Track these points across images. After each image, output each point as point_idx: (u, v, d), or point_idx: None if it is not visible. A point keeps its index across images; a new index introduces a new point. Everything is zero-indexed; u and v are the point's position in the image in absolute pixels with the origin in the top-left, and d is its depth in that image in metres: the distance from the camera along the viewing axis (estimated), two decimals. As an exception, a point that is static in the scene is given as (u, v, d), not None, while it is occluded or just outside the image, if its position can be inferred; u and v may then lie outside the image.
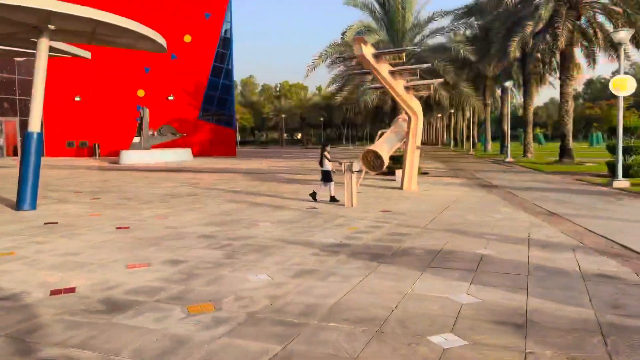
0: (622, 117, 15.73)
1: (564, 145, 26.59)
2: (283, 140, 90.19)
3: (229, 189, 16.61)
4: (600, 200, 12.61)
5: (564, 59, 25.81)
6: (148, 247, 7.67)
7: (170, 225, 9.62)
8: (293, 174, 22.86)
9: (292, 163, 33.32)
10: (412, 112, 15.45)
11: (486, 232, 8.59)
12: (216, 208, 11.99)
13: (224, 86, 46.59)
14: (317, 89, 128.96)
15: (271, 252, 7.24)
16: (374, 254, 7.03)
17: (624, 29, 15.22)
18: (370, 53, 13.33)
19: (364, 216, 10.48)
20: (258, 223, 9.78)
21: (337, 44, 29.10)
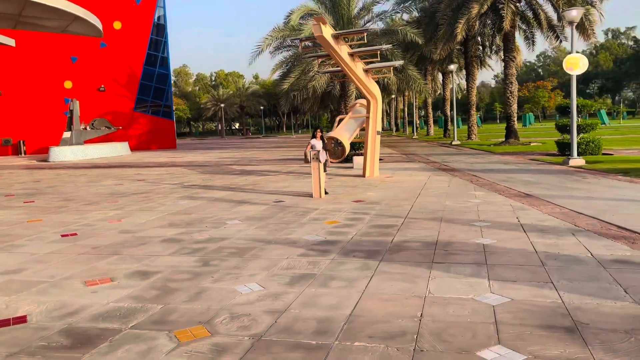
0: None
1: (510, 126, 27.07)
2: (223, 131, 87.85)
3: (180, 184, 15.45)
4: (566, 179, 12.60)
5: (507, 41, 26.17)
6: (106, 257, 6.63)
7: (125, 229, 8.54)
8: (243, 165, 21.84)
9: (238, 154, 32.14)
10: (371, 96, 14.89)
11: (473, 218, 8.15)
12: (172, 206, 10.93)
13: (160, 75, 44.38)
14: (254, 77, 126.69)
15: (253, 256, 6.42)
16: (368, 251, 6.37)
17: (575, 8, 15.31)
18: (330, 34, 12.58)
19: (338, 208, 9.81)
20: (225, 221, 8.88)
21: (280, 29, 28.11)
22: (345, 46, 13.49)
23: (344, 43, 13.42)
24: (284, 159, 25.28)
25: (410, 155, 24.15)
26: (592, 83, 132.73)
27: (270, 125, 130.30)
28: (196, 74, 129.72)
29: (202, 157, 29.69)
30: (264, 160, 24.52)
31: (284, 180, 15.08)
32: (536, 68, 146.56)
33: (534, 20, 28.59)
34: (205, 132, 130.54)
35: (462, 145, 29.79)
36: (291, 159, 25.09)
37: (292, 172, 17.66)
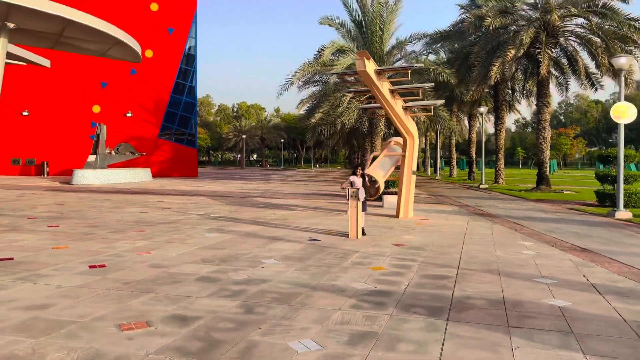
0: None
1: (541, 173, 26.31)
2: (243, 162, 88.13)
3: (207, 214, 14.95)
4: (618, 233, 11.82)
5: (542, 86, 25.71)
6: (139, 296, 6.06)
7: (156, 263, 7.99)
8: (269, 198, 21.34)
9: (261, 186, 31.73)
10: (409, 135, 14.40)
11: (534, 273, 7.45)
12: (203, 239, 10.38)
13: (187, 104, 44.67)
14: (276, 110, 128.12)
15: (300, 304, 5.79)
16: (429, 307, 5.71)
17: (624, 55, 14.82)
18: (373, 69, 12.21)
19: (380, 251, 9.17)
20: (261, 260, 8.29)
21: (311, 64, 28.11)
22: (386, 82, 13.10)
23: (385, 79, 13.04)
24: (309, 193, 24.77)
25: (438, 196, 23.45)
26: (614, 133, 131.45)
27: (289, 158, 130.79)
28: (218, 105, 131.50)
29: (224, 187, 29.31)
30: (289, 194, 24.02)
31: (314, 217, 14.50)
32: (557, 115, 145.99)
33: (569, 67, 28.19)
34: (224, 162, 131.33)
35: (490, 189, 29.02)
36: (316, 193, 24.57)
37: (319, 208, 17.10)
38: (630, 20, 23.01)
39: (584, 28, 24.86)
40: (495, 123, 34.00)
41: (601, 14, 23.23)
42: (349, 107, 25.73)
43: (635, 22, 22.97)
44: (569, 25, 25.74)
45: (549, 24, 24.76)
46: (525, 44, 23.57)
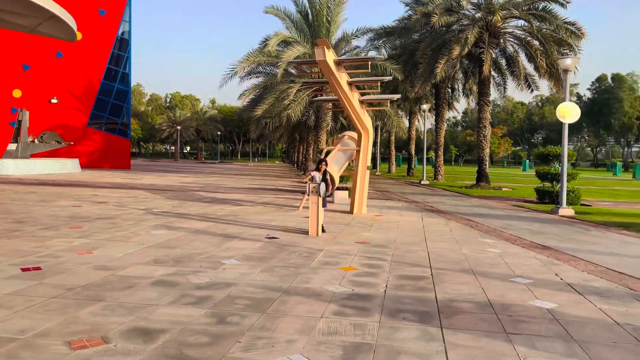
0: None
1: (481, 170, 26.97)
2: (178, 154, 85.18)
3: (148, 209, 13.92)
4: (569, 230, 12.05)
5: (483, 85, 26.31)
6: (87, 305, 5.25)
7: (101, 265, 7.10)
8: (212, 193, 20.40)
9: (201, 179, 30.52)
10: (364, 129, 14.05)
11: (507, 273, 7.26)
12: (150, 237, 9.50)
13: (119, 92, 42.29)
14: (211, 101, 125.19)
15: (277, 311, 5.21)
16: (417, 312, 5.30)
17: (570, 57, 15.21)
18: (333, 60, 11.73)
19: (344, 250, 8.72)
20: (221, 260, 7.60)
21: (255, 54, 27.23)
22: (345, 74, 12.66)
23: (344, 71, 12.59)
24: (254, 187, 23.99)
25: (384, 192, 23.41)
26: (536, 133, 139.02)
27: (224, 152, 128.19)
28: (150, 94, 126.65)
29: (161, 181, 27.89)
30: (232, 188, 23.13)
31: (265, 213, 13.86)
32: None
33: (507, 69, 29.08)
34: (156, 154, 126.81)
35: (431, 185, 29.44)
36: (261, 188, 23.83)
37: (269, 203, 16.45)
38: (567, 24, 23.97)
39: (524, 30, 25.66)
40: (435, 120, 34.60)
41: (540, 17, 24.04)
42: (295, 99, 25.14)
43: (572, 26, 23.97)
44: (509, 27, 26.48)
45: (491, 24, 25.34)
46: (470, 43, 23.98)
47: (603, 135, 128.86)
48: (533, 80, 27.93)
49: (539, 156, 20.29)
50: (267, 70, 31.49)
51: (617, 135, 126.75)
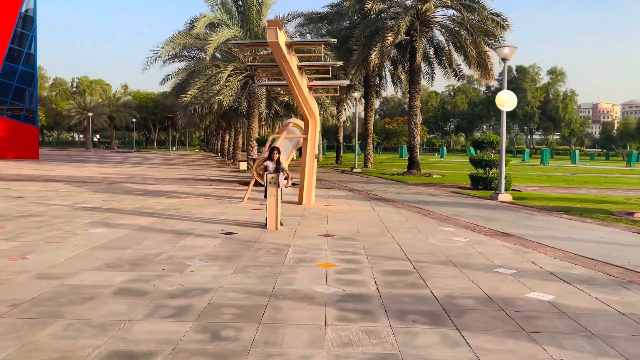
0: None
1: (412, 157, 27.40)
2: (90, 142, 79.74)
3: (76, 204, 12.58)
4: (516, 215, 12.30)
5: (414, 74, 26.63)
6: (45, 325, 4.37)
7: (43, 273, 6.10)
8: (141, 185, 19.03)
9: (122, 170, 28.58)
10: (311, 116, 13.54)
11: (488, 263, 7.11)
12: (90, 237, 8.45)
13: (24, 74, 38.60)
14: (123, 87, 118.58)
15: (274, 320, 4.62)
16: (423, 313, 4.93)
17: (508, 46, 15.57)
18: (284, 41, 11.07)
19: (312, 244, 8.21)
20: (184, 262, 6.82)
21: (182, 36, 25.76)
22: (295, 58, 12.04)
23: (294, 54, 11.97)
24: (184, 178, 22.73)
25: (322, 181, 23.05)
26: (449, 122, 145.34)
27: (139, 140, 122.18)
28: (53, 78, 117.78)
29: (79, 172, 25.75)
30: (162, 180, 21.76)
31: (209, 206, 13.00)
32: (402, 104, 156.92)
33: (435, 58, 29.69)
34: (63, 143, 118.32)
35: (363, 173, 29.53)
36: (192, 178, 22.63)
37: (208, 195, 15.53)
38: (493, 15, 24.76)
39: (453, 20, 26.19)
40: (365, 108, 34.76)
41: (470, 7, 24.65)
42: (227, 85, 24.05)
43: (498, 17, 24.79)
44: (439, 17, 26.94)
45: (422, 13, 25.64)
46: (402, 31, 24.10)
47: (508, 123, 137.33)
48: (460, 70, 28.74)
49: (474, 144, 20.83)
50: (192, 54, 30.01)
51: (521, 123, 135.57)
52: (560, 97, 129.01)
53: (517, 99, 15.70)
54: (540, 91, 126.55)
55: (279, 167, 10.05)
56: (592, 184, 23.66)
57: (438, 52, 29.11)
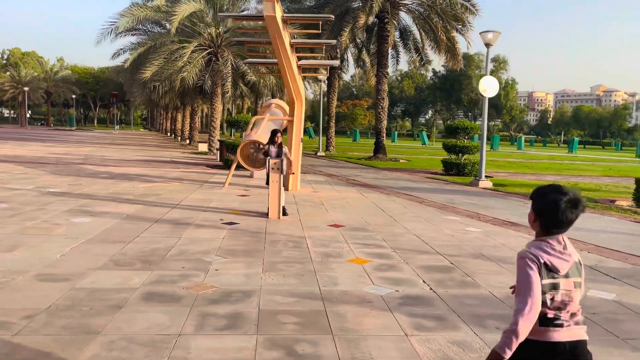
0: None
1: (379, 142, 27.16)
2: (25, 119, 74.64)
3: (41, 189, 11.39)
4: (507, 202, 12.21)
5: (382, 57, 26.20)
6: (82, 343, 3.62)
7: (44, 273, 5.24)
8: (102, 166, 17.72)
9: (72, 149, 26.73)
10: (298, 97, 12.86)
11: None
12: (75, 227, 7.52)
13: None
14: (58, 60, 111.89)
15: (345, 331, 4.07)
16: (498, 317, 4.52)
17: (492, 31, 15.40)
18: (281, 16, 10.28)
19: (327, 236, 7.65)
20: (201, 257, 6.11)
21: (140, 7, 24.12)
22: (288, 35, 11.28)
23: (287, 30, 11.20)
24: (145, 160, 21.41)
25: (289, 164, 22.39)
26: (396, 106, 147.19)
27: (78, 118, 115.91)
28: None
29: (25, 151, 23.80)
30: (122, 161, 20.39)
31: (188, 191, 12.13)
32: (351, 87, 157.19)
33: (401, 42, 29.43)
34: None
35: (329, 156, 29.04)
36: (154, 160, 21.36)
37: (181, 179, 14.59)
38: (464, 0, 24.68)
39: (422, 4, 25.88)
40: (327, 91, 34.14)
41: (440, -9, 24.43)
42: (190, 61, 22.75)
43: (467, 2, 24.73)
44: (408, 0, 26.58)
45: (392, -5, 25.21)
46: (374, 12, 23.58)
47: (454, 109, 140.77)
48: (425, 55, 28.64)
49: (448, 129, 20.77)
50: (147, 28, 28.30)
51: (466, 109, 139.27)
52: (502, 85, 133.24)
53: (498, 85, 15.62)
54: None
55: (281, 152, 9.35)
56: (554, 171, 24.32)
57: (404, 36, 28.86)
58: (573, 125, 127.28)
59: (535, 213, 2.24)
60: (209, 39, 24.56)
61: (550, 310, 2.14)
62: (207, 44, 24.51)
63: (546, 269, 2.13)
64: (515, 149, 60.70)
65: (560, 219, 2.17)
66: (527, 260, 2.13)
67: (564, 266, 2.15)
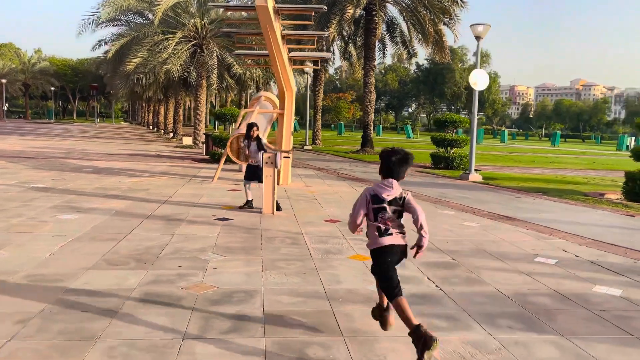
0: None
1: (367, 135, 27.03)
2: (3, 112, 72.97)
3: (23, 184, 11.03)
4: (500, 197, 12.17)
5: (369, 49, 26.02)
6: (80, 351, 3.41)
7: (35, 274, 5.00)
8: (86, 160, 17.31)
9: (55, 143, 26.13)
10: (288, 89, 12.64)
11: (521, 252, 6.73)
12: (63, 224, 7.24)
13: None
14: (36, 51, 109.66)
15: (355, 332, 3.93)
16: (509, 315, 4.42)
17: (482, 24, 15.32)
18: (272, 6, 10.04)
19: (325, 232, 7.50)
20: (197, 255, 5.90)
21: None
22: (279, 25, 11.04)
23: (279, 21, 10.97)
24: (130, 154, 20.99)
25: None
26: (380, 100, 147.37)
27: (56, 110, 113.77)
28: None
29: (4, 145, 23.18)
30: (106, 155, 19.95)
31: (177, 186, 11.87)
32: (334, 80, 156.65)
33: (387, 34, 29.26)
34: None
35: (315, 150, 28.86)
36: (138, 154, 20.94)
37: (169, 174, 14.29)
38: (451, -8, 24.58)
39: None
40: (313, 84, 33.87)
41: (428, -17, 24.29)
42: (175, 53, 22.31)
43: (454, -5, 24.64)
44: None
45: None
46: (362, 4, 23.37)
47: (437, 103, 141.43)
48: (412, 47, 28.54)
49: (436, 123, 20.73)
50: (129, 19, 27.71)
51: (449, 102, 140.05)
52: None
53: (488, 78, 15.58)
54: (468, 72, 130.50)
55: (260, 145, 9.15)
56: (540, 164, 24.48)
57: (391, 29, 28.72)
58: (554, 118, 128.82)
59: (380, 167, 3.59)
60: (194, 30, 24.12)
61: (382, 225, 3.48)
62: (192, 35, 24.08)
63: (377, 198, 3.48)
64: (498, 142, 61.16)
65: (392, 169, 3.50)
66: (365, 193, 3.57)
67: (388, 197, 3.46)
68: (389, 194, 3.45)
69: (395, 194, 3.44)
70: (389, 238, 3.51)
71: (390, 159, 3.49)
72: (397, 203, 3.45)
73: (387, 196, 3.44)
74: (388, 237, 3.50)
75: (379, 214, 3.46)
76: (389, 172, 3.50)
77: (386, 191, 3.46)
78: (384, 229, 3.47)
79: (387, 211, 3.44)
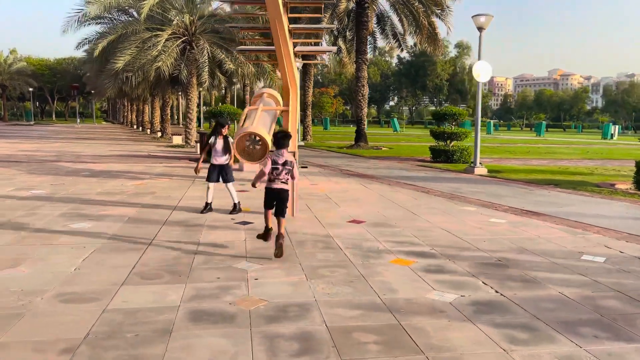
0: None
1: (360, 130, 26.74)
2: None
3: (22, 191, 10.48)
4: (515, 191, 11.92)
5: (361, 43, 25.69)
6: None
7: (67, 293, 4.60)
8: (80, 163, 16.71)
9: (43, 146, 25.36)
10: (292, 85, 12.21)
11: (563, 249, 6.49)
12: (80, 234, 6.78)
13: None
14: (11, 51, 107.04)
15: (440, 349, 3.62)
16: (587, 322, 4.15)
17: (484, 14, 15.09)
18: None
19: (354, 234, 7.18)
20: (232, 265, 5.52)
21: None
22: (287, 19, 10.62)
23: (287, 14, 10.55)
24: (122, 155, 20.37)
25: (273, 155, 21.74)
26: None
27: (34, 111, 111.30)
28: None
29: (-11, 148, 22.37)
30: (99, 157, 19.32)
31: (183, 188, 11.44)
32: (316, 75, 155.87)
33: (378, 27, 28.96)
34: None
35: (308, 146, 28.49)
36: (130, 155, 20.34)
37: (169, 175, 13.82)
38: (443, -16, 24.36)
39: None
40: (303, 79, 33.38)
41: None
42: (165, 50, 21.70)
43: (447, -13, 24.44)
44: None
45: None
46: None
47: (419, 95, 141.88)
48: (404, 40, 28.29)
49: (435, 116, 20.52)
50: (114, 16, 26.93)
51: (431, 95, 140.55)
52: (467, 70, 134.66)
53: (491, 69, 15.37)
54: (449, 64, 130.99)
55: (228, 145, 8.93)
56: (535, 155, 24.47)
57: (381, 22, 28.41)
58: (535, 109, 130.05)
59: (274, 142, 5.99)
60: (183, 27, 23.50)
61: (272, 176, 5.72)
62: (181, 32, 23.46)
63: (273, 162, 5.73)
64: (484, 133, 61.40)
65: (280, 143, 5.84)
66: (267, 157, 5.92)
67: (279, 161, 5.73)
68: (279, 160, 5.76)
69: (285, 159, 5.79)
70: (274, 184, 5.78)
71: (277, 137, 5.92)
72: (285, 164, 5.78)
73: (280, 160, 5.76)
74: (274, 183, 5.78)
75: (275, 171, 5.74)
76: (279, 145, 5.85)
77: (277, 158, 5.78)
78: (272, 179, 5.76)
79: (278, 169, 5.74)
